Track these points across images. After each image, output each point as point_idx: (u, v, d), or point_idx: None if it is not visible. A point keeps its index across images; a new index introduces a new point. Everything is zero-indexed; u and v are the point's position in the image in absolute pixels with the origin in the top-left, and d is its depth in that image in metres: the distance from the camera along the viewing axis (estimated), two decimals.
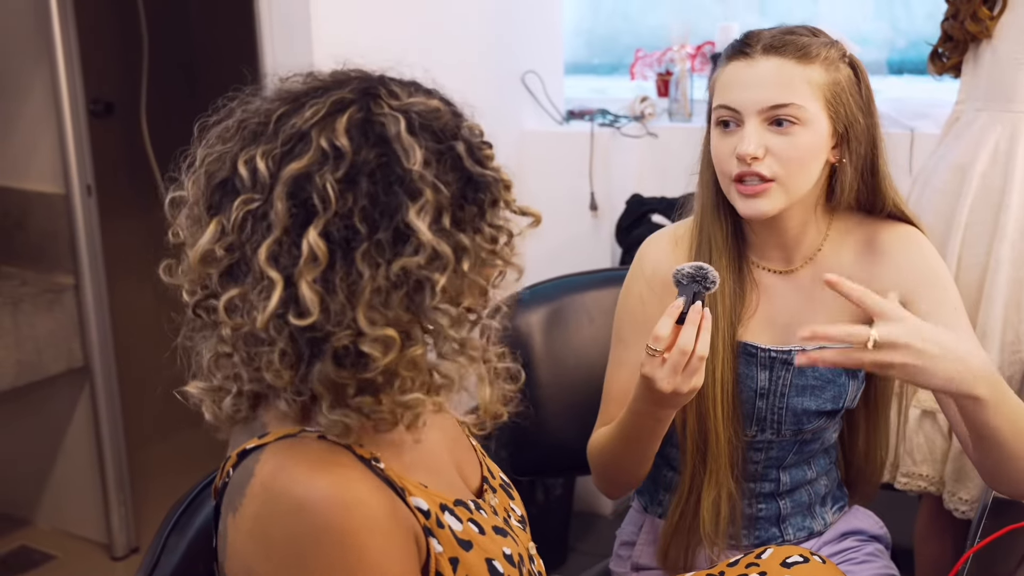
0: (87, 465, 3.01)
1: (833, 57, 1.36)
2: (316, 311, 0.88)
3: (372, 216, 0.90)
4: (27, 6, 2.75)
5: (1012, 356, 2.06)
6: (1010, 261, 2.05)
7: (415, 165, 0.91)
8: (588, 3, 3.60)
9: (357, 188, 0.90)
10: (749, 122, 1.34)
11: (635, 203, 2.95)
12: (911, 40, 3.20)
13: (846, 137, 1.37)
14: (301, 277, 0.88)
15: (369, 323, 0.89)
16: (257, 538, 0.91)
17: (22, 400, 2.99)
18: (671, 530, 1.46)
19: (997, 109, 2.09)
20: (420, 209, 0.90)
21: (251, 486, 0.92)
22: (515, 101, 3.14)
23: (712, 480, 1.41)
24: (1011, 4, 2.06)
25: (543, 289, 1.88)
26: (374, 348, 0.89)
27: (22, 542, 3.08)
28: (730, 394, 1.40)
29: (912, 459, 2.15)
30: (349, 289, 0.89)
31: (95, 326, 2.88)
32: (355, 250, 0.90)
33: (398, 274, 0.90)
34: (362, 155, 0.91)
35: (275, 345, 0.90)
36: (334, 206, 0.89)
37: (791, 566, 1.23)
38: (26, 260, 2.94)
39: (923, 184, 2.20)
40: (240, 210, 0.92)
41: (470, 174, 0.95)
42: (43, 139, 2.84)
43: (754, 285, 1.45)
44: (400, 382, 0.92)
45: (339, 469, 0.92)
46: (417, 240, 0.90)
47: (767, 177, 1.34)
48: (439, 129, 0.96)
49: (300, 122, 0.93)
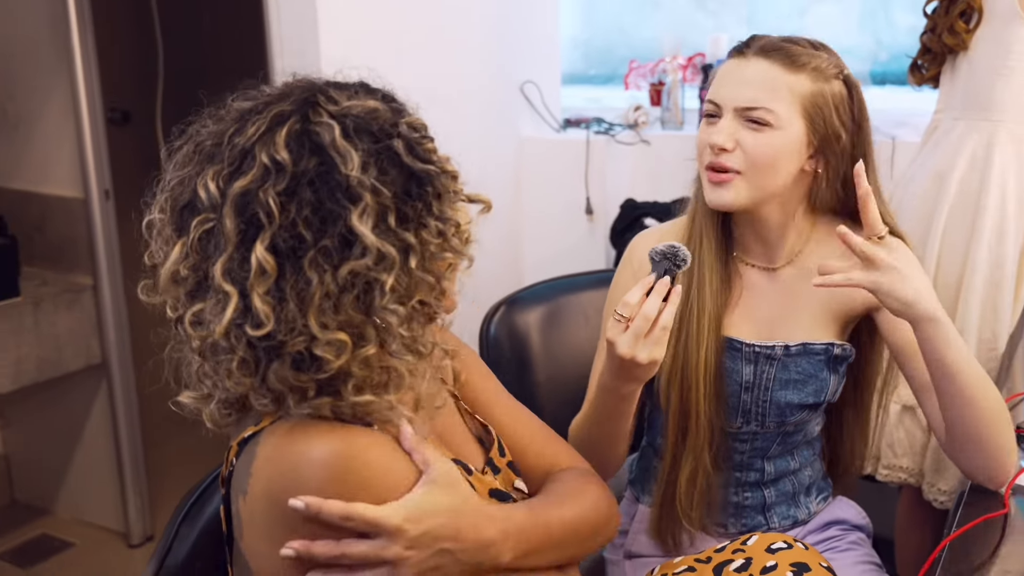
0: (105, 457, 3.01)
1: (824, 70, 1.36)
2: (270, 321, 0.89)
3: (316, 225, 0.90)
4: (47, 20, 2.75)
5: (988, 353, 2.06)
6: (986, 263, 2.06)
7: (352, 170, 0.91)
8: (584, 16, 3.60)
9: (299, 199, 0.90)
10: (726, 116, 1.36)
11: (629, 207, 2.95)
12: (893, 53, 3.21)
13: (823, 149, 1.37)
14: (253, 290, 0.90)
15: (321, 328, 0.90)
16: (274, 507, 0.92)
17: (43, 395, 2.99)
18: (657, 511, 1.47)
19: (974, 118, 2.09)
20: (362, 213, 0.90)
21: (255, 466, 0.93)
22: (514, 109, 3.14)
23: (689, 456, 1.41)
24: (986, 17, 2.07)
25: (541, 289, 1.88)
26: (327, 351, 0.90)
27: (43, 530, 3.08)
28: (712, 376, 1.40)
29: (893, 452, 2.15)
30: (299, 297, 0.90)
31: (112, 324, 2.87)
32: (302, 259, 0.90)
33: (346, 278, 0.90)
34: (301, 166, 0.91)
35: (235, 354, 0.92)
36: (278, 219, 0.90)
37: (775, 551, 1.23)
38: (47, 261, 2.94)
39: (904, 189, 2.21)
40: (197, 230, 0.93)
41: (411, 170, 0.94)
42: (63, 146, 2.84)
43: (738, 279, 1.46)
44: (354, 381, 0.92)
45: (334, 430, 0.93)
46: (362, 243, 0.90)
47: (733, 168, 1.35)
48: (376, 130, 0.95)
49: (244, 140, 0.93)
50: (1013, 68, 2.03)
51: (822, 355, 1.43)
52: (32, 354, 2.73)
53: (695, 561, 1.31)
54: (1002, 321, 2.07)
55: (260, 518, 0.94)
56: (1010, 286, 2.07)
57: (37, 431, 3.16)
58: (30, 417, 3.16)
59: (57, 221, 2.90)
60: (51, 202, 2.90)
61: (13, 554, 2.94)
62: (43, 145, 2.90)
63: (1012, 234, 2.06)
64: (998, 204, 2.05)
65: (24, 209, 2.94)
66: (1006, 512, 1.28)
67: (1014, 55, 2.02)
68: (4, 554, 2.93)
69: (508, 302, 1.80)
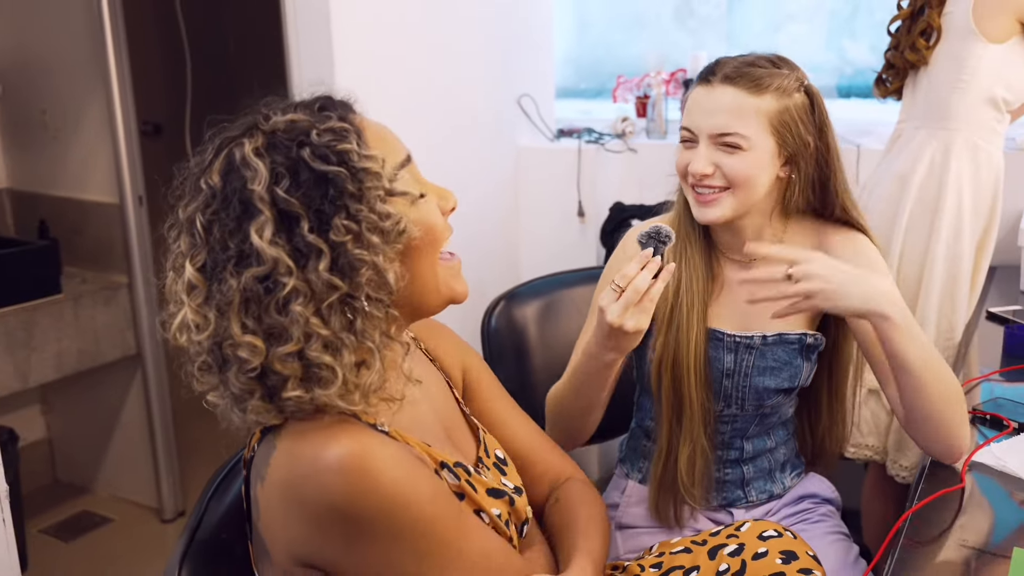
0: (140, 440, 3.01)
1: (786, 86, 1.35)
2: (207, 329, 0.91)
3: (232, 240, 0.91)
4: (86, 40, 2.74)
5: (947, 343, 2.06)
6: (944, 259, 2.06)
7: (258, 186, 0.90)
8: (576, 35, 3.59)
9: (220, 219, 0.92)
10: (702, 143, 1.36)
11: (617, 210, 2.95)
12: (857, 68, 3.20)
13: (794, 157, 1.37)
14: (186, 304, 0.93)
15: (241, 331, 0.90)
16: (290, 502, 0.91)
17: (83, 383, 2.99)
18: (656, 487, 1.46)
19: (933, 127, 2.09)
20: (261, 226, 0.89)
21: (275, 457, 0.92)
22: (512, 121, 3.14)
23: (687, 439, 1.41)
24: (945, 34, 2.07)
25: (537, 285, 1.88)
26: (243, 352, 0.90)
27: (83, 507, 3.08)
28: (702, 364, 1.40)
29: (860, 431, 2.16)
30: (221, 306, 0.91)
31: (146, 318, 2.88)
32: (223, 272, 0.91)
33: (252, 285, 0.90)
34: (227, 189, 0.92)
35: (199, 357, 0.94)
36: (205, 240, 0.92)
37: (766, 539, 1.23)
38: (86, 261, 2.94)
39: (869, 193, 2.21)
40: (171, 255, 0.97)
41: (321, 174, 0.91)
42: (100, 156, 2.84)
43: (721, 272, 1.46)
44: (280, 379, 0.91)
45: (350, 430, 0.92)
46: (257, 254, 0.90)
47: (717, 187, 1.36)
48: (287, 141, 0.93)
49: (199, 171, 0.95)
50: (968, 81, 2.03)
51: (796, 344, 1.43)
52: (73, 346, 2.73)
53: (691, 543, 1.31)
54: (959, 312, 2.07)
55: (276, 506, 0.93)
56: (966, 280, 2.07)
57: (77, 416, 3.16)
58: (71, 404, 3.16)
59: (95, 224, 2.90)
60: (89, 207, 2.90)
61: (56, 529, 2.94)
62: (82, 155, 2.89)
63: (968, 233, 2.06)
64: (954, 205, 2.05)
65: (64, 214, 2.94)
66: (962, 487, 1.29)
67: (969, 69, 2.02)
68: (48, 529, 2.93)
69: (507, 297, 1.80)
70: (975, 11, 2.00)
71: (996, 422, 1.48)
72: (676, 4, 3.41)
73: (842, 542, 1.48)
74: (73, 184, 2.93)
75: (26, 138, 3.01)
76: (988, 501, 1.29)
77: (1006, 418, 1.47)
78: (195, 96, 3.39)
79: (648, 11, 3.45)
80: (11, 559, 1.41)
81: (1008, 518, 1.26)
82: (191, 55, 3.38)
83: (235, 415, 0.96)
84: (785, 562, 1.19)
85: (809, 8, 3.26)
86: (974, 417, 1.49)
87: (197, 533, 1.05)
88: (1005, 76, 2.02)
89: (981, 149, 2.05)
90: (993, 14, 1.98)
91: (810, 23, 3.26)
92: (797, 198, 1.40)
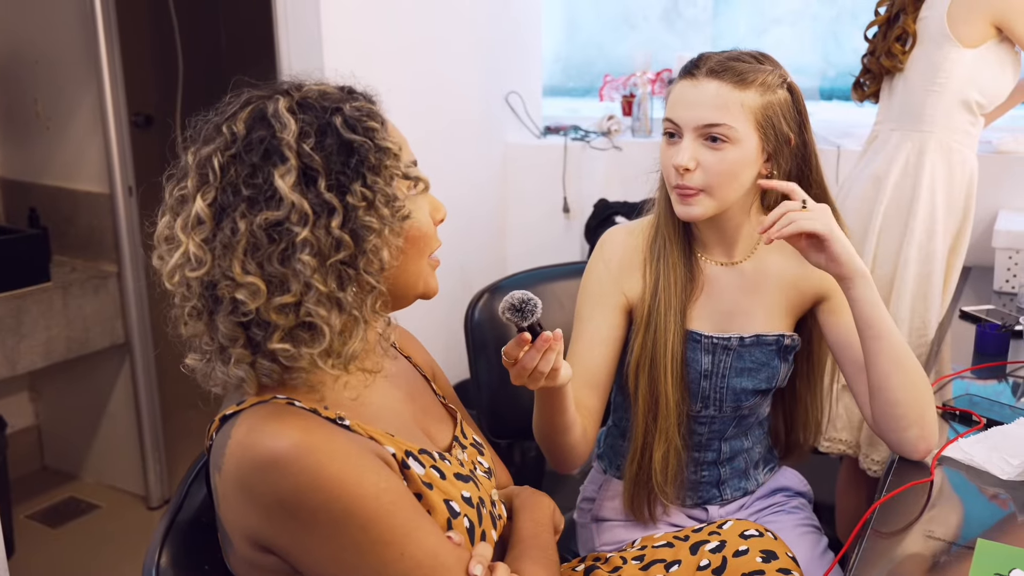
0: (127, 427, 3.00)
1: (770, 82, 1.33)
2: (205, 264, 0.91)
3: (249, 183, 0.91)
4: (78, 32, 2.73)
5: (919, 339, 2.08)
6: (917, 260, 2.08)
7: (287, 135, 0.92)
8: (565, 34, 3.60)
9: (241, 162, 0.92)
10: (687, 136, 1.34)
11: (601, 206, 2.96)
12: (840, 71, 3.22)
13: (775, 153, 1.36)
14: (190, 237, 0.92)
15: (242, 272, 0.90)
16: (243, 491, 0.90)
17: (72, 371, 2.99)
18: (630, 484, 1.45)
19: (908, 129, 2.11)
20: (285, 172, 0.91)
21: (229, 447, 0.91)
22: (500, 118, 3.15)
23: (662, 438, 1.40)
24: (920, 40, 2.09)
25: (521, 278, 1.89)
26: (243, 294, 0.90)
27: (71, 493, 3.07)
28: (679, 365, 1.39)
29: (834, 426, 2.18)
30: (226, 245, 0.91)
31: (135, 308, 2.87)
32: (234, 212, 0.91)
33: (265, 228, 0.90)
34: (251, 136, 0.93)
35: (189, 301, 0.94)
36: (220, 178, 0.92)
37: (747, 538, 1.24)
38: (76, 250, 2.93)
39: (846, 192, 2.23)
40: (175, 195, 0.96)
41: (347, 141, 0.94)
42: (91, 147, 2.83)
43: (700, 273, 1.44)
44: (271, 329, 0.91)
45: (304, 423, 0.91)
46: (278, 197, 0.90)
47: (698, 187, 1.34)
48: (320, 106, 0.95)
49: (219, 119, 0.96)
50: (943, 85, 2.05)
51: (773, 345, 1.43)
52: (62, 334, 2.72)
53: (674, 538, 1.32)
54: (932, 311, 2.09)
55: (231, 495, 0.92)
56: (939, 279, 2.09)
57: (66, 404, 3.15)
58: (59, 391, 3.15)
59: (85, 214, 2.89)
60: (80, 197, 2.89)
61: (44, 515, 2.93)
62: (73, 145, 2.88)
63: (941, 232, 2.08)
64: (928, 206, 2.07)
65: (55, 203, 2.93)
66: (931, 480, 1.30)
67: (943, 73, 2.04)
68: (36, 515, 2.93)
69: (491, 290, 1.81)
70: (950, 16, 2.01)
71: (966, 418, 1.49)
72: (664, 6, 3.42)
73: (812, 534, 1.49)
74: (64, 174, 2.92)
75: (19, 128, 3.00)
76: (956, 495, 1.29)
77: (976, 413, 1.49)
78: (186, 89, 3.38)
79: (636, 13, 3.47)
80: None
81: (975, 511, 1.27)
82: (182, 48, 3.37)
83: (217, 370, 0.95)
84: (765, 561, 1.21)
85: (793, 12, 3.28)
86: (944, 413, 1.51)
87: (178, 516, 1.05)
88: (979, 80, 2.03)
89: (955, 151, 2.07)
90: (967, 19, 2.00)
91: (794, 26, 3.28)
92: (777, 192, 1.39)
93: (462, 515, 1.02)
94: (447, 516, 1.00)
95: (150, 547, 1.00)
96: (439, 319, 2.51)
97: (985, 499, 1.28)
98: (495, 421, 1.78)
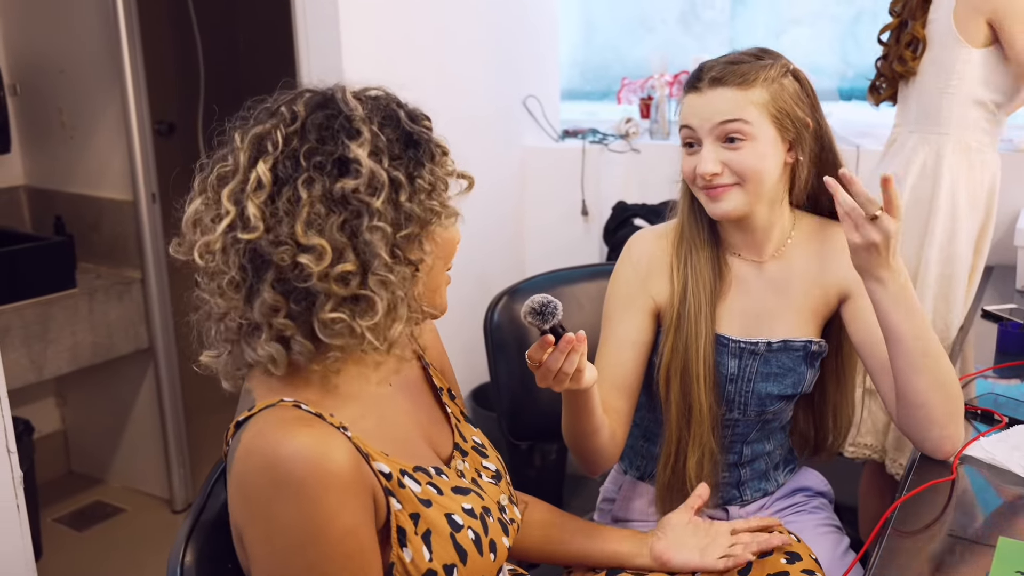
0: (152, 432, 3.03)
1: (773, 75, 1.33)
2: (261, 227, 0.90)
3: (316, 154, 0.91)
4: (102, 42, 2.77)
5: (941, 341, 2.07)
6: (938, 261, 2.07)
7: (357, 115, 0.93)
8: (582, 37, 3.61)
9: (305, 137, 0.92)
10: (706, 142, 1.33)
11: (620, 209, 2.96)
12: (859, 71, 3.21)
13: (797, 140, 1.35)
14: (248, 199, 0.90)
15: (305, 235, 0.89)
16: (240, 492, 0.91)
17: (97, 376, 3.02)
18: (663, 490, 1.44)
19: (925, 132, 2.10)
20: (361, 144, 0.92)
21: (238, 451, 0.91)
22: (518, 121, 3.15)
23: (696, 443, 1.39)
24: (930, 43, 2.08)
25: (541, 280, 1.89)
26: (307, 258, 0.89)
27: (97, 497, 3.11)
28: (710, 370, 1.38)
29: (858, 431, 2.17)
30: (289, 211, 0.90)
31: (158, 313, 2.90)
32: (297, 180, 0.90)
33: (337, 197, 0.90)
34: (312, 117, 0.94)
35: (228, 272, 0.92)
36: (281, 147, 0.92)
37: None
38: (100, 257, 2.97)
39: None
40: (215, 172, 0.95)
41: (408, 131, 0.96)
42: (115, 155, 2.86)
43: (728, 271, 1.43)
44: (330, 298, 0.90)
45: (310, 429, 0.89)
46: (357, 165, 0.91)
47: (727, 184, 1.33)
48: (381, 100, 0.98)
49: (273, 105, 0.97)
50: (957, 86, 2.04)
51: (801, 351, 1.42)
52: (87, 340, 2.76)
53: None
54: (954, 312, 2.08)
55: (237, 499, 0.92)
56: (962, 282, 2.08)
57: (91, 409, 3.19)
58: (85, 396, 3.18)
59: (109, 221, 2.92)
60: (104, 204, 2.92)
61: (71, 518, 2.97)
62: (97, 154, 2.92)
63: (963, 233, 2.07)
64: (948, 207, 2.06)
65: (80, 210, 2.97)
66: (953, 479, 1.29)
67: (956, 75, 2.04)
68: (62, 519, 2.96)
69: (509, 292, 1.81)
70: (956, 16, 2.01)
71: (988, 417, 1.49)
72: (681, 8, 3.42)
73: (833, 534, 1.49)
74: (89, 182, 2.96)
75: (43, 137, 3.04)
76: (977, 493, 1.29)
77: (998, 412, 1.48)
78: (207, 97, 3.42)
79: (653, 15, 3.47)
80: (25, 547, 1.42)
81: (996, 510, 1.26)
82: (203, 56, 3.40)
83: (246, 352, 0.94)
84: (789, 562, 1.22)
85: (811, 12, 3.26)
86: (966, 412, 1.50)
87: (201, 515, 1.06)
88: (992, 78, 2.02)
89: (974, 150, 2.06)
90: (970, 17, 2.00)
91: (812, 27, 3.27)
92: (806, 181, 1.38)
93: (465, 527, 1.01)
94: (449, 531, 0.99)
95: (174, 545, 1.01)
96: (458, 322, 2.51)
97: (1006, 498, 1.28)
98: (515, 424, 1.78)
